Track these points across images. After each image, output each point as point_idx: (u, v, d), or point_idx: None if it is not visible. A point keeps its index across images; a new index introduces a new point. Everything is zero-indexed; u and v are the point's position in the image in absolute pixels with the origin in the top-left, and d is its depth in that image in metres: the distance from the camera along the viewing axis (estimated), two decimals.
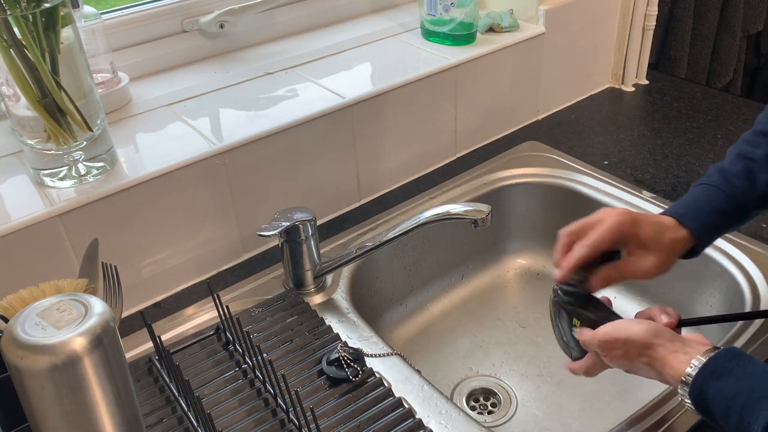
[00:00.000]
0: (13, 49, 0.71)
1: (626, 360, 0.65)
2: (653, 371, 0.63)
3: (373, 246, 0.81)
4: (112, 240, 0.81)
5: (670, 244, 0.70)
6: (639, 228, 0.69)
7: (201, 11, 1.06)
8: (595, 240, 0.68)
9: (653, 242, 0.69)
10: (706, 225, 0.72)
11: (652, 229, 0.70)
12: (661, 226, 0.70)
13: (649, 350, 0.62)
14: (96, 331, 0.49)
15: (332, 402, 0.71)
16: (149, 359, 0.77)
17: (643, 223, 0.70)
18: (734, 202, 0.73)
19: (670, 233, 0.70)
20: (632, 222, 0.69)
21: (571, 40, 1.21)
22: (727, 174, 0.74)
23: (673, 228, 0.71)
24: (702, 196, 0.74)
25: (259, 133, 0.89)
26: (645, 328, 0.63)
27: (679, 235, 0.71)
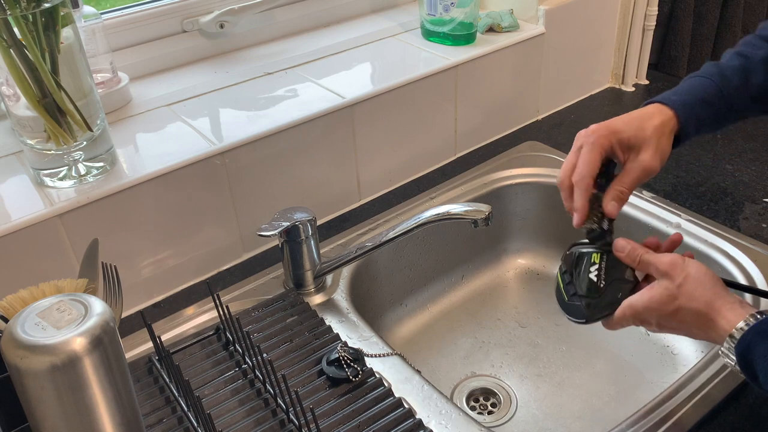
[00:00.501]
0: (13, 49, 0.71)
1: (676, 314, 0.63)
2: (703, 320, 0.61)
3: (373, 246, 0.81)
4: (112, 240, 0.81)
5: (659, 128, 0.70)
6: (619, 133, 0.69)
7: (201, 11, 1.06)
8: (585, 169, 0.68)
9: (639, 138, 0.70)
10: (693, 111, 0.72)
11: (632, 126, 0.70)
12: (640, 119, 0.71)
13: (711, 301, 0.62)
14: (96, 331, 0.49)
15: (332, 402, 0.71)
16: (149, 359, 0.77)
17: (620, 127, 0.70)
18: (723, 95, 0.73)
19: (654, 119, 0.71)
20: (609, 132, 0.69)
21: (571, 40, 1.21)
22: (721, 68, 0.74)
23: (657, 113, 0.71)
24: (692, 84, 0.74)
25: (259, 133, 0.89)
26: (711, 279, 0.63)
27: (665, 116, 0.71)
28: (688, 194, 1.02)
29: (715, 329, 0.61)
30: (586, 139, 0.69)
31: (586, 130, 0.70)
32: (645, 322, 0.66)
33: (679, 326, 0.64)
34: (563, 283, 0.72)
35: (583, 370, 0.96)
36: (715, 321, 0.61)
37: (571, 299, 0.71)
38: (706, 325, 0.62)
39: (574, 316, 0.71)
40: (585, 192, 0.69)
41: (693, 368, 0.75)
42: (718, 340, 0.61)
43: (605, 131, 0.69)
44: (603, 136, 0.69)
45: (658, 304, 0.64)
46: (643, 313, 0.65)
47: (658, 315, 0.64)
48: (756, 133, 1.16)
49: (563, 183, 0.71)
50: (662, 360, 0.95)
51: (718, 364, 0.74)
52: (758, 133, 1.16)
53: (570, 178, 0.70)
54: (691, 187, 1.03)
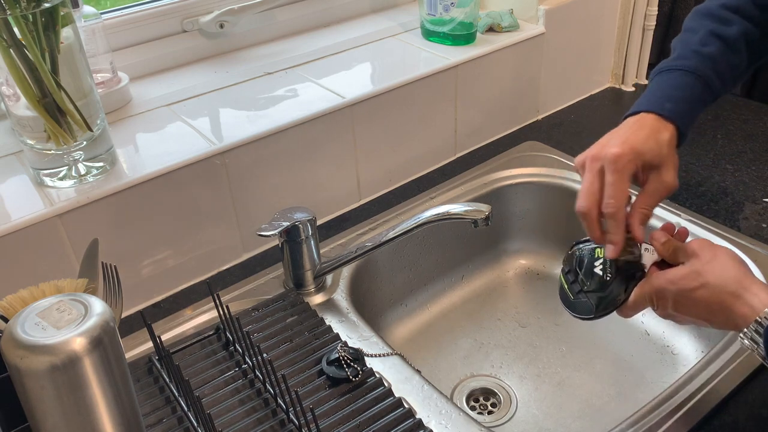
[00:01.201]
0: (13, 49, 0.71)
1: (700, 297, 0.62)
2: (728, 299, 0.60)
3: (373, 246, 0.81)
4: (112, 240, 0.81)
5: (670, 143, 0.69)
6: (643, 155, 0.67)
7: (201, 11, 1.06)
8: (620, 200, 0.65)
9: (659, 157, 0.67)
10: (690, 118, 0.71)
11: (650, 145, 0.67)
12: (654, 136, 0.68)
13: (741, 279, 0.61)
14: (96, 331, 0.49)
15: (332, 402, 0.71)
16: (149, 359, 0.77)
17: (642, 148, 0.67)
18: (713, 91, 0.72)
19: (663, 135, 0.69)
20: (635, 156, 0.66)
21: (571, 40, 1.21)
22: (703, 57, 0.72)
23: (663, 128, 0.69)
24: (682, 85, 0.71)
25: (259, 133, 0.89)
26: (736, 263, 0.62)
27: (670, 131, 0.69)
28: (688, 194, 1.02)
29: (740, 308, 0.59)
30: (614, 166, 0.65)
31: (608, 154, 0.66)
32: (662, 300, 0.64)
33: (696, 306, 0.62)
34: (567, 282, 0.72)
35: (583, 370, 0.96)
36: (743, 298, 0.59)
37: (577, 297, 0.70)
38: (730, 304, 0.60)
39: (582, 313, 0.70)
40: (622, 223, 0.66)
41: (693, 368, 0.75)
42: (741, 321, 0.59)
43: (631, 155, 0.66)
44: (630, 162, 0.66)
45: (681, 279, 0.62)
46: (662, 289, 0.64)
47: (678, 291, 0.63)
48: (756, 133, 1.16)
49: (590, 214, 0.67)
50: (662, 360, 0.95)
51: (718, 364, 0.75)
52: (758, 133, 1.16)
53: (598, 208, 0.66)
54: (691, 187, 1.03)
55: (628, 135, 0.68)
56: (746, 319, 0.59)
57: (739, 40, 0.74)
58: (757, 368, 0.74)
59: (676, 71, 0.72)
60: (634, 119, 0.71)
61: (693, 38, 0.74)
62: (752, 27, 0.75)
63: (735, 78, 0.75)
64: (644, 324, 0.99)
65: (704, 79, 0.72)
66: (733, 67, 0.74)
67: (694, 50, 0.73)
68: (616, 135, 0.69)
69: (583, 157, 0.69)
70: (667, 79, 0.73)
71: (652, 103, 0.71)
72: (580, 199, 0.67)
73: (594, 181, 0.66)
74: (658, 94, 0.72)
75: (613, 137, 0.69)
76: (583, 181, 0.68)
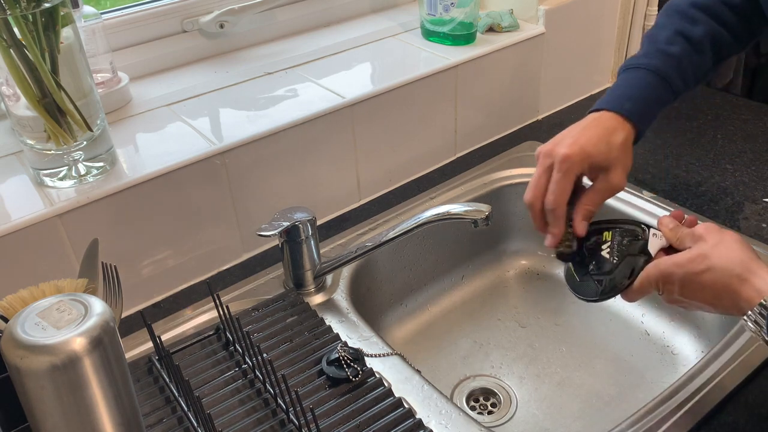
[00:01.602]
0: (13, 49, 0.71)
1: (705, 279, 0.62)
2: (734, 282, 0.60)
3: (373, 246, 0.81)
4: (112, 240, 0.81)
5: (623, 144, 0.71)
6: (591, 157, 0.69)
7: (201, 11, 1.06)
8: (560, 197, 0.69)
9: (608, 159, 0.70)
10: (648, 117, 0.73)
11: (600, 147, 0.69)
12: (606, 137, 0.70)
13: (747, 262, 0.61)
14: (96, 331, 0.49)
15: (332, 402, 0.71)
16: (149, 359, 0.77)
17: (591, 150, 0.69)
18: (673, 91, 0.74)
19: (617, 135, 0.71)
20: (582, 158, 0.69)
21: (571, 40, 1.21)
22: (668, 56, 0.73)
23: (619, 127, 0.71)
24: (642, 84, 0.73)
25: (259, 133, 0.89)
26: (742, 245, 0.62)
27: (626, 131, 0.71)
28: (688, 194, 1.02)
29: (746, 291, 0.59)
30: (561, 165, 0.69)
31: (558, 152, 0.69)
32: (668, 284, 0.64)
33: (702, 290, 0.62)
34: (574, 265, 0.72)
35: (583, 370, 0.96)
36: (749, 281, 0.59)
37: (583, 279, 0.71)
38: (736, 287, 0.60)
39: (587, 296, 0.71)
40: (561, 219, 0.70)
41: (693, 368, 0.75)
42: (746, 305, 0.59)
43: (578, 157, 0.69)
44: (576, 163, 0.69)
45: (688, 261, 0.63)
46: (668, 273, 0.64)
47: (684, 275, 0.63)
48: (756, 133, 1.16)
49: (534, 205, 0.71)
50: (662, 360, 0.95)
51: (718, 364, 0.75)
52: (758, 133, 1.16)
53: (541, 202, 0.70)
54: (691, 187, 1.03)
55: (580, 135, 0.70)
56: (751, 302, 0.59)
57: (704, 40, 0.75)
58: (757, 368, 0.74)
59: (641, 69, 0.75)
60: (593, 117, 0.73)
61: (660, 35, 0.76)
62: (718, 27, 0.77)
63: (698, 78, 0.76)
64: (644, 324, 0.99)
65: (666, 79, 0.74)
66: (697, 67, 0.75)
67: (659, 49, 0.75)
68: (571, 133, 0.71)
69: (539, 149, 0.72)
70: (631, 77, 0.75)
71: (613, 102, 0.73)
72: (527, 191, 0.72)
73: (541, 176, 0.71)
74: (619, 92, 0.74)
75: (568, 135, 0.71)
76: (534, 173, 0.72)
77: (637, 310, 1.01)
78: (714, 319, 0.92)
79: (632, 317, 1.01)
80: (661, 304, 0.98)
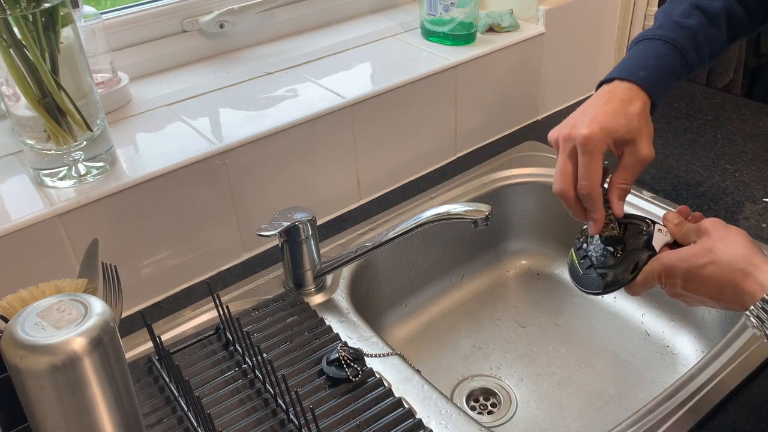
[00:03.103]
0: (13, 49, 0.71)
1: (709, 273, 0.62)
2: (738, 276, 0.60)
3: (373, 246, 0.81)
4: (112, 240, 0.81)
5: (642, 114, 0.68)
6: (613, 132, 0.67)
7: (201, 11, 1.06)
8: (594, 180, 0.66)
9: (631, 131, 0.67)
10: (663, 87, 0.71)
11: (620, 120, 0.67)
12: (623, 109, 0.68)
13: (751, 257, 0.61)
14: (96, 331, 0.49)
15: (332, 402, 0.71)
16: (149, 359, 0.77)
17: (612, 125, 0.67)
18: (688, 63, 0.72)
19: (634, 105, 0.68)
20: (605, 135, 0.66)
21: (571, 40, 1.21)
22: (683, 28, 0.72)
23: (635, 96, 0.69)
24: (657, 54, 0.71)
25: (259, 133, 0.89)
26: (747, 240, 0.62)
27: (642, 99, 0.69)
28: (688, 194, 1.02)
29: (749, 286, 0.59)
30: (584, 147, 0.66)
31: (578, 134, 0.67)
32: (672, 277, 0.64)
33: (706, 284, 0.62)
34: (578, 258, 0.72)
35: (583, 370, 0.96)
36: (753, 276, 0.59)
37: (586, 272, 0.70)
38: (740, 281, 0.60)
39: (590, 288, 0.71)
40: (599, 202, 0.67)
41: (693, 368, 0.75)
42: (749, 299, 0.59)
43: (601, 135, 0.66)
44: (600, 141, 0.66)
45: (692, 255, 0.63)
46: (671, 266, 0.64)
47: (687, 268, 0.62)
48: (756, 133, 1.16)
49: (567, 193, 0.69)
50: (662, 360, 0.95)
51: (718, 364, 0.75)
52: (758, 133, 1.16)
53: (574, 188, 0.68)
54: (691, 187, 1.03)
55: (597, 111, 0.68)
56: (754, 296, 0.59)
57: (720, 15, 0.74)
58: (757, 368, 0.74)
59: (656, 40, 0.73)
60: (606, 89, 0.71)
61: (676, 9, 0.74)
62: (736, 4, 0.75)
63: (712, 53, 0.75)
64: (644, 324, 0.99)
65: (682, 50, 0.72)
66: (712, 41, 0.74)
67: (675, 21, 0.73)
68: (587, 112, 0.69)
69: (555, 135, 0.70)
70: (645, 47, 0.73)
71: (626, 71, 0.71)
72: (555, 181, 0.69)
73: (567, 162, 0.68)
74: (633, 62, 0.72)
75: (583, 114, 0.69)
76: (557, 161, 0.69)
77: (637, 310, 1.01)
78: (714, 319, 0.92)
79: (632, 317, 1.01)
80: (662, 304, 0.99)
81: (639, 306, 1.01)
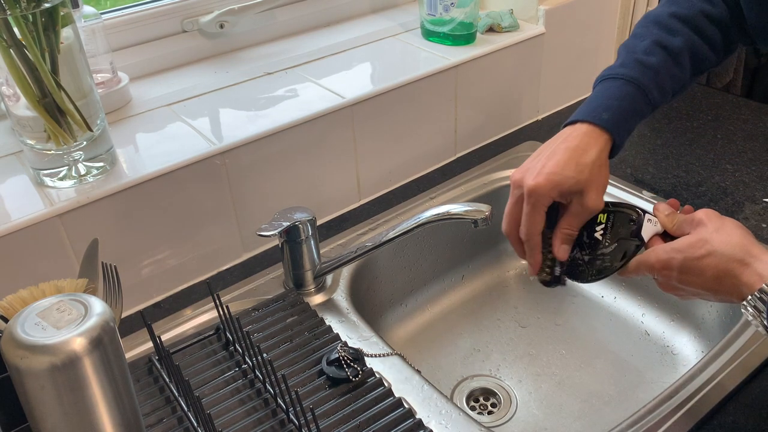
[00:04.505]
0: (13, 49, 0.71)
1: (706, 265, 0.62)
2: (735, 266, 0.60)
3: (373, 246, 0.81)
4: (112, 240, 0.81)
5: (596, 162, 0.68)
6: (559, 186, 0.67)
7: (201, 11, 1.06)
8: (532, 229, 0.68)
9: (580, 183, 0.67)
10: (625, 128, 0.70)
11: (569, 171, 0.67)
12: (576, 158, 0.67)
13: (748, 247, 0.60)
14: (96, 331, 0.49)
15: (332, 402, 0.71)
16: (149, 359, 0.77)
17: (559, 179, 0.66)
18: (650, 102, 0.72)
19: (589, 153, 0.68)
20: (550, 188, 0.66)
21: (571, 40, 1.21)
22: (645, 67, 0.71)
23: (593, 143, 0.68)
24: (619, 94, 0.71)
25: (259, 133, 0.89)
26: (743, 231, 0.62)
27: (600, 143, 0.69)
28: (688, 194, 1.02)
29: (747, 276, 0.59)
30: (528, 198, 0.67)
31: (525, 184, 0.67)
32: (667, 269, 0.64)
33: (702, 275, 0.62)
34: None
35: (583, 370, 0.96)
36: (752, 266, 0.59)
37: (574, 260, 0.71)
38: (739, 272, 0.59)
39: (578, 277, 0.71)
40: (537, 248, 0.69)
41: (693, 368, 0.75)
42: (746, 290, 0.59)
43: (546, 188, 0.67)
44: (544, 195, 0.67)
45: (688, 247, 0.62)
46: (668, 259, 0.63)
47: (684, 260, 0.62)
48: (756, 133, 1.16)
49: (511, 235, 0.71)
50: (662, 360, 0.95)
51: (718, 364, 0.75)
52: (758, 133, 1.16)
53: (517, 232, 0.70)
54: (691, 187, 1.03)
55: (548, 161, 0.68)
56: (752, 287, 0.59)
57: (683, 53, 0.73)
58: (757, 368, 0.74)
59: (619, 80, 0.72)
60: (566, 132, 0.71)
61: (639, 46, 0.74)
62: (698, 39, 0.75)
63: (675, 90, 0.75)
64: (644, 324, 0.99)
65: (644, 90, 0.71)
66: (675, 78, 0.73)
67: (637, 59, 0.72)
68: (540, 159, 0.69)
69: (512, 176, 0.71)
70: (608, 87, 0.72)
71: (590, 113, 0.71)
72: (503, 222, 0.72)
73: (514, 207, 0.70)
74: (596, 103, 0.72)
75: (536, 161, 0.69)
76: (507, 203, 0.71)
77: (637, 310, 1.01)
78: (714, 319, 0.92)
79: (632, 317, 1.01)
80: (662, 303, 0.99)
81: (639, 306, 1.01)
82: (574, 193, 0.68)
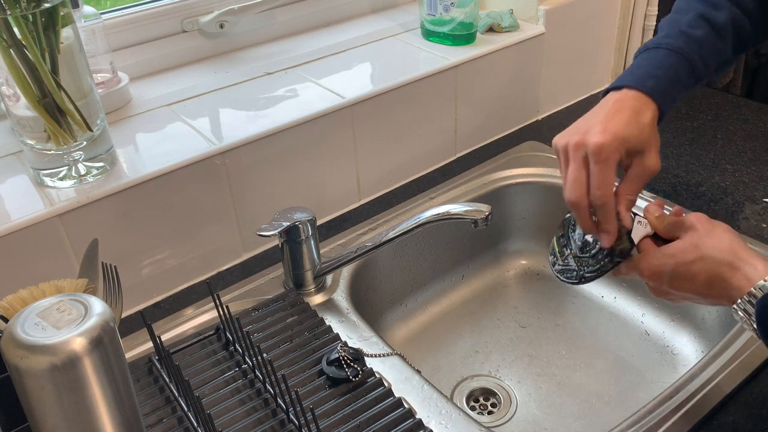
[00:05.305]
0: (13, 49, 0.71)
1: (697, 266, 0.62)
2: (725, 270, 0.60)
3: (373, 246, 0.81)
4: (112, 240, 0.81)
5: (652, 124, 0.67)
6: (626, 142, 0.65)
7: (201, 11, 1.06)
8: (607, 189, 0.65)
9: (641, 141, 0.66)
10: (670, 96, 0.70)
11: (632, 129, 0.66)
12: (635, 118, 0.66)
13: (738, 251, 0.61)
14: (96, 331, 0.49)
15: (332, 402, 0.71)
16: (149, 359, 0.77)
17: (625, 134, 0.65)
18: (694, 73, 0.71)
19: (645, 115, 0.67)
20: (619, 144, 0.65)
21: (571, 40, 1.21)
22: (689, 38, 0.71)
23: (644, 106, 0.68)
24: (665, 63, 0.70)
25: (259, 133, 0.89)
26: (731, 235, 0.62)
27: (651, 109, 0.68)
28: (688, 194, 1.02)
29: (737, 280, 0.59)
30: (598, 156, 0.64)
31: (590, 142, 0.65)
32: (658, 274, 0.64)
33: (693, 280, 0.62)
34: (558, 246, 0.72)
35: (583, 370, 0.96)
36: (741, 270, 0.59)
37: (565, 261, 0.70)
38: (728, 276, 0.60)
39: (568, 278, 0.71)
40: (613, 212, 0.66)
41: (693, 368, 0.75)
42: (736, 293, 0.59)
43: (615, 144, 0.64)
44: (615, 151, 0.65)
45: (679, 252, 0.62)
46: (659, 265, 0.63)
47: (675, 265, 0.62)
48: (756, 133, 1.16)
49: (581, 204, 0.66)
50: (662, 360, 0.95)
51: (718, 364, 0.75)
52: (758, 133, 1.16)
53: (587, 198, 0.66)
54: (691, 187, 1.03)
55: (608, 120, 0.66)
56: (742, 290, 0.59)
57: (726, 26, 0.73)
58: (757, 368, 0.74)
59: (663, 50, 0.72)
60: (614, 97, 0.70)
61: (682, 19, 0.73)
62: (741, 14, 0.74)
63: (718, 64, 0.74)
64: (644, 324, 0.99)
65: (689, 60, 0.71)
66: (719, 52, 0.73)
67: (681, 31, 0.72)
68: (597, 119, 0.67)
69: (564, 142, 0.68)
70: (652, 56, 0.72)
71: (635, 80, 0.70)
72: (568, 190, 0.67)
73: (580, 171, 0.66)
74: (641, 71, 0.71)
75: (594, 121, 0.67)
76: (568, 170, 0.67)
77: (637, 310, 1.01)
78: (714, 319, 0.92)
79: (632, 317, 1.01)
80: (662, 303, 0.99)
81: (639, 306, 1.01)
82: (637, 152, 0.67)
